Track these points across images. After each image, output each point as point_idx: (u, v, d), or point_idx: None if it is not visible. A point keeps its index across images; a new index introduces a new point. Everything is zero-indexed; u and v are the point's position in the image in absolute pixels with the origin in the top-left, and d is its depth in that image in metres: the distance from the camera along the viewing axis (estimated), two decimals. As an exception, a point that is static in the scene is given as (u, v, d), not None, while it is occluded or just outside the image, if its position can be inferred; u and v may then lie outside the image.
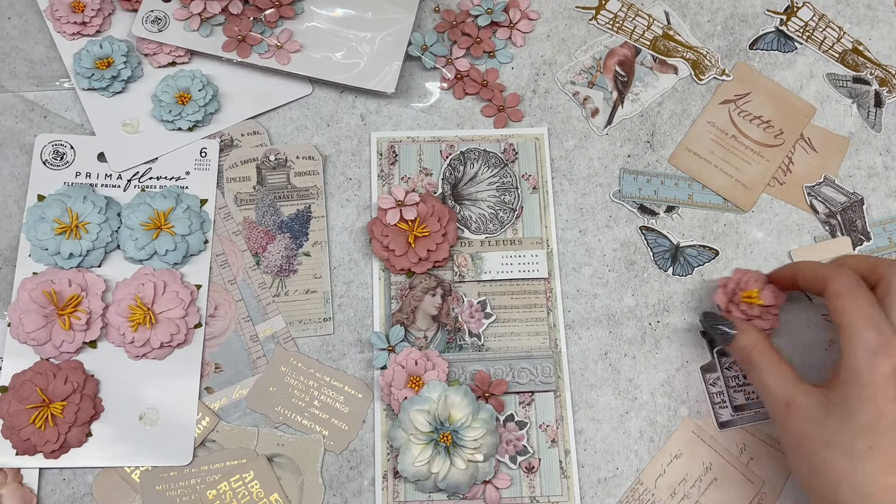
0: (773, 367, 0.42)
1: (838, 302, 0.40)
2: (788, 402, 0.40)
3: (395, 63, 0.54)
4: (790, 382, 0.41)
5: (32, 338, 0.46)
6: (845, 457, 0.37)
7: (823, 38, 0.57)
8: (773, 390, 0.41)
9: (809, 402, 0.40)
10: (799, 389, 0.40)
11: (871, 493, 0.36)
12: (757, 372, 0.43)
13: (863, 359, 0.38)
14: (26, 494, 0.46)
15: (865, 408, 0.37)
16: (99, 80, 0.52)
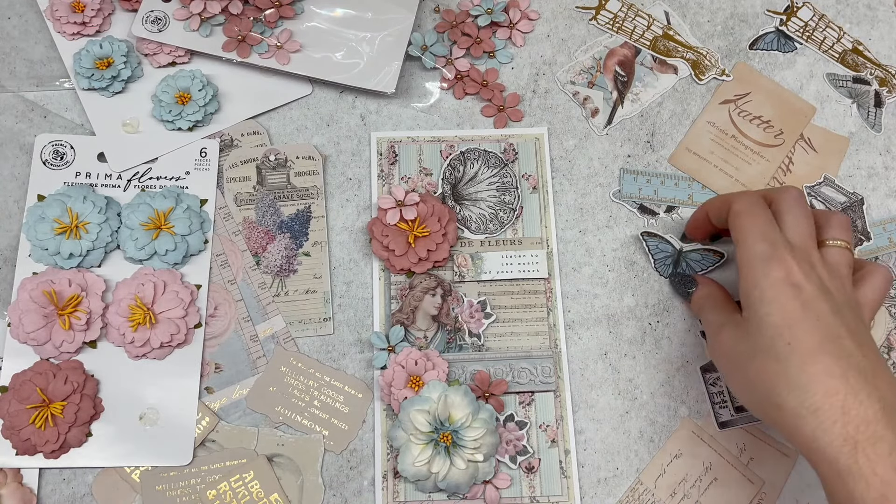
0: (715, 305, 0.46)
1: (738, 221, 0.43)
2: (719, 329, 0.43)
3: (395, 63, 0.54)
4: (724, 312, 0.44)
5: (32, 338, 0.46)
6: (772, 359, 0.39)
7: (823, 38, 0.57)
8: (710, 322, 0.44)
9: (733, 323, 0.42)
10: (727, 317, 0.43)
11: (803, 383, 0.37)
12: (703, 314, 0.46)
13: (758, 268, 0.40)
14: (26, 494, 0.46)
15: (772, 310, 0.39)
16: (99, 80, 0.52)
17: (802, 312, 0.39)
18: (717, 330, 0.43)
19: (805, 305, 0.39)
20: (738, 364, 0.41)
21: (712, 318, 0.45)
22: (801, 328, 0.39)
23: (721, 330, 0.43)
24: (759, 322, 0.40)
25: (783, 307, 0.39)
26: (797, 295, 0.39)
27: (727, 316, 0.44)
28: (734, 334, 0.42)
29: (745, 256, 0.41)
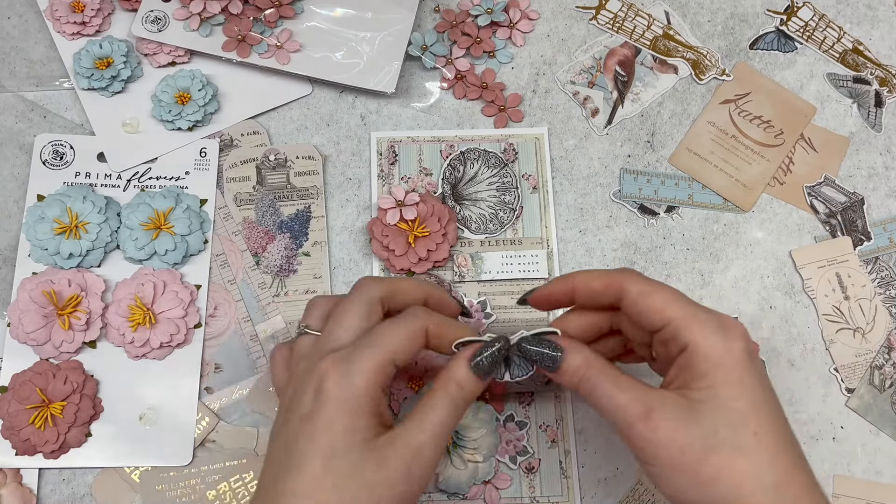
0: (618, 382, 0.36)
1: (653, 299, 0.36)
2: (648, 412, 0.34)
3: (395, 63, 0.53)
4: (642, 391, 0.35)
5: (32, 338, 0.46)
6: (737, 452, 0.33)
7: (824, 37, 0.57)
8: (626, 405, 0.35)
9: (673, 406, 0.34)
10: (653, 395, 0.35)
11: (775, 483, 0.33)
12: (600, 392, 0.36)
13: (717, 342, 0.34)
14: (26, 495, 0.46)
15: (736, 393, 0.34)
16: (98, 80, 0.52)
17: (763, 393, 0.34)
18: (643, 415, 0.34)
19: (764, 384, 0.34)
20: (683, 461, 0.33)
21: (626, 400, 0.35)
22: (765, 413, 0.34)
23: (652, 415, 0.34)
24: (718, 407, 0.33)
25: (750, 388, 0.34)
26: (758, 371, 0.34)
27: (648, 395, 0.35)
28: (677, 421, 0.34)
29: (691, 332, 0.35)
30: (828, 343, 0.50)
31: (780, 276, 0.52)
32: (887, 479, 0.48)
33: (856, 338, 0.50)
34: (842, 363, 0.50)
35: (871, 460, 0.49)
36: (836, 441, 0.49)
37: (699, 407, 0.34)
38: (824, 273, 0.51)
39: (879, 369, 0.50)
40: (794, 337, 0.51)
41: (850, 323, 0.51)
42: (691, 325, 0.35)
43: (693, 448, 0.33)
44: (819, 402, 0.50)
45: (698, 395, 0.34)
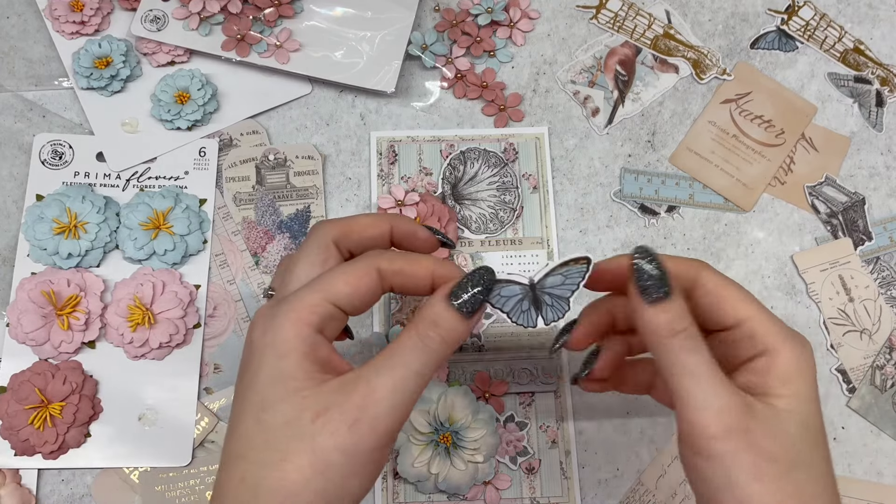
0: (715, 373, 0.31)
1: (730, 293, 0.33)
2: (745, 420, 0.30)
3: (395, 62, 0.53)
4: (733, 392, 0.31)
5: (31, 338, 0.46)
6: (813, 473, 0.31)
7: (824, 37, 0.57)
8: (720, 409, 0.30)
9: (763, 411, 0.31)
10: (745, 400, 0.31)
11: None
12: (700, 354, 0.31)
13: (800, 352, 0.32)
14: (25, 495, 0.45)
15: (814, 409, 0.32)
16: (98, 80, 0.52)
17: (823, 424, 0.32)
18: (743, 404, 0.30)
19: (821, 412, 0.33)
20: (767, 473, 0.30)
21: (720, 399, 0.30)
22: (825, 438, 0.32)
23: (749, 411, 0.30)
24: (802, 421, 0.31)
25: (819, 409, 0.32)
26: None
27: (742, 397, 0.31)
28: (768, 427, 0.30)
29: (772, 334, 0.32)
30: (836, 346, 0.50)
31: (781, 276, 0.52)
32: (888, 479, 0.48)
33: (863, 339, 0.50)
34: (851, 366, 0.50)
35: (873, 461, 0.48)
36: (837, 441, 0.49)
37: (785, 417, 0.31)
38: (827, 276, 0.51)
39: (881, 369, 0.50)
40: (795, 337, 0.51)
41: (857, 325, 0.51)
42: (772, 328, 0.32)
43: (781, 461, 0.30)
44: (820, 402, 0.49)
45: (784, 403, 0.31)
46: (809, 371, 0.32)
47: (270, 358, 0.31)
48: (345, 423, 0.30)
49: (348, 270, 0.33)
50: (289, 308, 0.32)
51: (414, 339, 0.32)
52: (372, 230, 0.36)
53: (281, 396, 0.30)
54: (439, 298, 0.32)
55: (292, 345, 0.31)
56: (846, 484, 0.48)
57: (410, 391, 0.31)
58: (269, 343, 0.31)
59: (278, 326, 0.31)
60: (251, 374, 0.31)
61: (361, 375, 0.31)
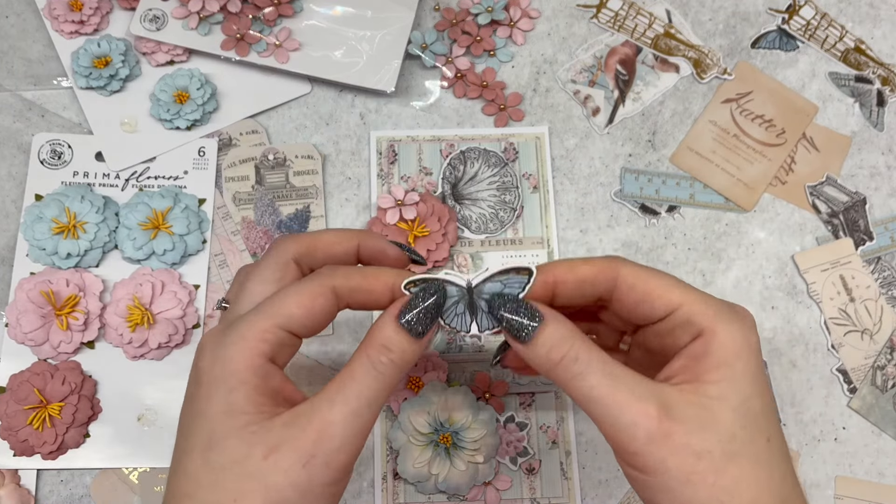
0: (613, 371, 0.30)
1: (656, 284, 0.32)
2: (660, 411, 0.29)
3: (395, 62, 0.53)
4: (646, 384, 0.30)
5: (30, 338, 0.46)
6: (755, 461, 0.29)
7: (825, 36, 0.57)
8: (625, 403, 0.29)
9: (686, 404, 0.29)
10: (662, 391, 0.29)
11: (784, 497, 0.29)
12: (587, 382, 0.30)
13: (735, 331, 0.30)
14: (24, 496, 0.45)
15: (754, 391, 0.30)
16: (97, 79, 0.51)
17: (771, 394, 0.32)
18: (651, 415, 0.29)
19: (768, 384, 0.33)
20: (698, 471, 0.28)
21: (621, 395, 0.29)
22: (775, 417, 0.30)
23: (664, 415, 0.29)
24: (738, 406, 0.29)
25: (763, 387, 0.30)
26: (764, 370, 0.33)
27: (659, 389, 0.29)
28: (692, 423, 0.29)
29: (707, 316, 0.31)
30: (837, 346, 0.50)
31: (782, 276, 0.51)
32: (889, 479, 0.48)
33: (864, 340, 0.50)
34: (852, 366, 0.50)
35: (874, 461, 0.48)
36: (838, 442, 0.49)
37: (717, 405, 0.29)
38: (828, 276, 0.51)
39: (882, 370, 0.50)
40: (795, 337, 0.50)
41: (858, 325, 0.50)
42: (706, 310, 0.30)
43: (712, 456, 0.28)
44: (821, 402, 0.49)
45: (715, 389, 0.29)
46: (748, 350, 0.30)
47: (219, 391, 0.29)
48: (299, 460, 0.28)
49: (301, 290, 0.31)
50: (238, 336, 0.30)
51: (366, 366, 0.30)
52: (337, 247, 0.34)
53: (229, 432, 0.29)
54: (389, 320, 0.31)
55: (242, 377, 0.29)
56: (847, 484, 0.48)
57: (365, 421, 0.29)
58: (218, 376, 0.30)
59: (228, 358, 0.30)
60: (198, 408, 0.30)
61: (314, 408, 0.29)
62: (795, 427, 0.49)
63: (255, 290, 0.32)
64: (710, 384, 0.29)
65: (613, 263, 0.32)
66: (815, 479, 0.48)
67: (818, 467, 0.48)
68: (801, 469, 0.48)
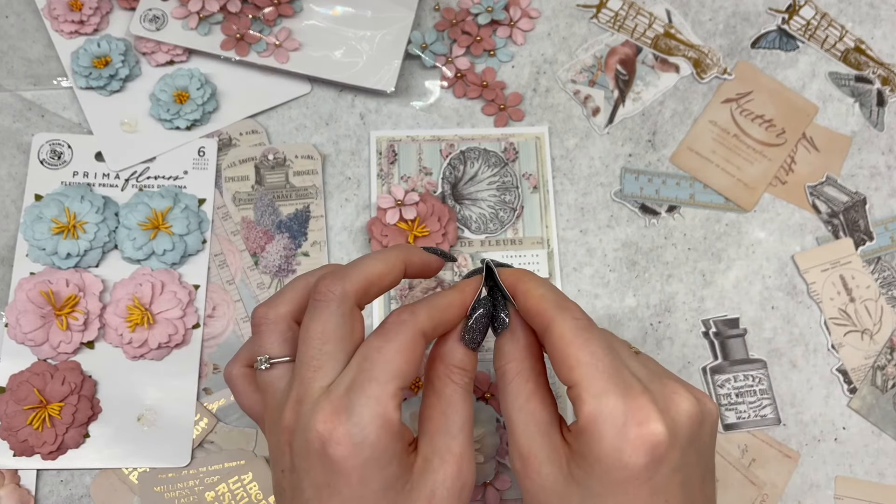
0: (526, 399, 0.32)
1: (570, 352, 0.31)
2: (527, 457, 0.31)
3: (395, 61, 0.53)
4: (538, 429, 0.32)
5: (30, 338, 0.46)
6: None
7: (826, 36, 0.57)
8: (516, 432, 0.32)
9: (550, 467, 0.31)
10: (545, 443, 0.31)
11: None
12: (508, 398, 0.33)
13: (613, 449, 0.29)
14: (24, 496, 0.45)
15: (612, 499, 0.30)
16: (97, 79, 0.51)
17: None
18: (523, 457, 0.32)
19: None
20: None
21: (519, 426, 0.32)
22: None
23: (529, 463, 0.31)
24: (588, 497, 0.30)
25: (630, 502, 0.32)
26: (660, 487, 0.31)
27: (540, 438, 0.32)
28: (546, 484, 0.31)
29: (593, 419, 0.30)
30: (837, 347, 0.50)
31: (782, 276, 0.51)
32: (890, 480, 0.48)
33: (864, 340, 0.50)
34: (852, 366, 0.50)
35: (874, 461, 0.48)
36: (838, 442, 0.49)
37: (571, 485, 0.30)
38: (828, 276, 0.51)
39: (882, 370, 0.50)
40: (796, 338, 0.50)
41: (858, 325, 0.50)
42: (595, 410, 0.30)
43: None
44: (821, 403, 0.49)
45: (577, 472, 0.31)
46: (614, 456, 0.29)
47: (372, 470, 0.29)
48: (454, 497, 0.31)
49: (404, 348, 0.31)
50: (372, 415, 0.29)
51: (460, 393, 0.32)
52: (388, 278, 0.34)
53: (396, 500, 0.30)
54: (456, 344, 0.33)
55: (387, 451, 0.30)
56: (847, 484, 0.48)
57: (473, 442, 0.33)
58: (369, 457, 0.29)
59: (369, 441, 0.29)
60: (349, 495, 0.29)
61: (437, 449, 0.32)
62: (795, 427, 0.49)
63: (332, 350, 0.31)
64: (577, 467, 0.31)
65: (550, 313, 0.32)
66: (815, 479, 0.48)
67: (818, 467, 0.48)
68: (801, 469, 0.48)
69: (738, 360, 0.50)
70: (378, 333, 0.31)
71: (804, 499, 0.47)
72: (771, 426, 0.49)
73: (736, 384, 0.49)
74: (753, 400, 0.49)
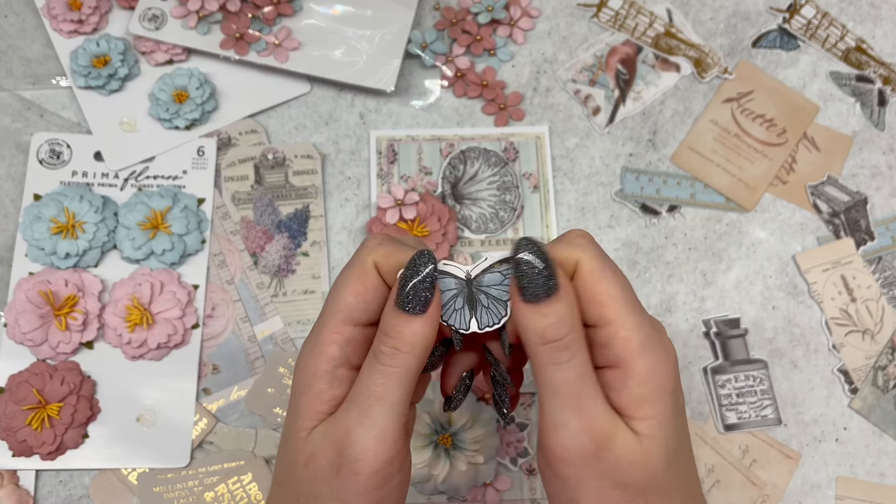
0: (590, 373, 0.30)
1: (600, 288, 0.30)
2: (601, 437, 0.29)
3: (395, 61, 0.53)
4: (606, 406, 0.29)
5: (29, 338, 0.46)
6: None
7: (826, 36, 0.57)
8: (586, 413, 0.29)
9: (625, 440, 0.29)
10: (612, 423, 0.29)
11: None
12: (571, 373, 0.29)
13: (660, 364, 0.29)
14: (23, 496, 0.45)
15: (671, 429, 0.29)
16: (96, 79, 0.51)
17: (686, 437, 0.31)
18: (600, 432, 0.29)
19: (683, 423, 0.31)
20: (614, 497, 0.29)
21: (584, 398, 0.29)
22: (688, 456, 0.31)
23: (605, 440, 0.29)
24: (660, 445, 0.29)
25: (682, 425, 0.31)
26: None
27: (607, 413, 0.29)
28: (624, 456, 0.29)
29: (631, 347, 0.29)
30: (837, 347, 0.50)
31: (783, 276, 0.51)
32: (890, 480, 0.48)
33: (865, 340, 0.50)
34: (853, 366, 0.50)
35: (875, 461, 0.48)
36: (839, 442, 0.49)
37: (648, 443, 0.29)
38: (829, 276, 0.51)
39: (883, 370, 0.50)
40: (796, 338, 0.50)
41: (859, 325, 0.50)
42: (628, 341, 0.29)
43: (631, 486, 0.29)
44: (822, 403, 0.49)
45: (646, 427, 0.29)
46: (668, 386, 0.29)
47: (293, 395, 0.31)
48: (331, 469, 0.29)
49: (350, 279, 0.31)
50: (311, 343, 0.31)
51: (369, 362, 0.29)
52: None
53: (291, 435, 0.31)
54: (388, 307, 0.30)
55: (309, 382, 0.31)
56: (848, 485, 0.48)
57: (383, 422, 0.29)
58: (295, 379, 0.31)
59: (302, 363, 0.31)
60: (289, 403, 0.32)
61: (337, 415, 0.30)
62: (796, 427, 0.49)
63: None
64: (640, 421, 0.29)
65: (579, 247, 0.30)
66: (816, 479, 0.48)
67: (819, 468, 0.48)
68: (802, 469, 0.48)
69: (738, 361, 0.49)
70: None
71: (805, 499, 0.47)
72: (772, 426, 0.48)
73: (737, 384, 0.49)
74: (754, 400, 0.49)
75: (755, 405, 0.49)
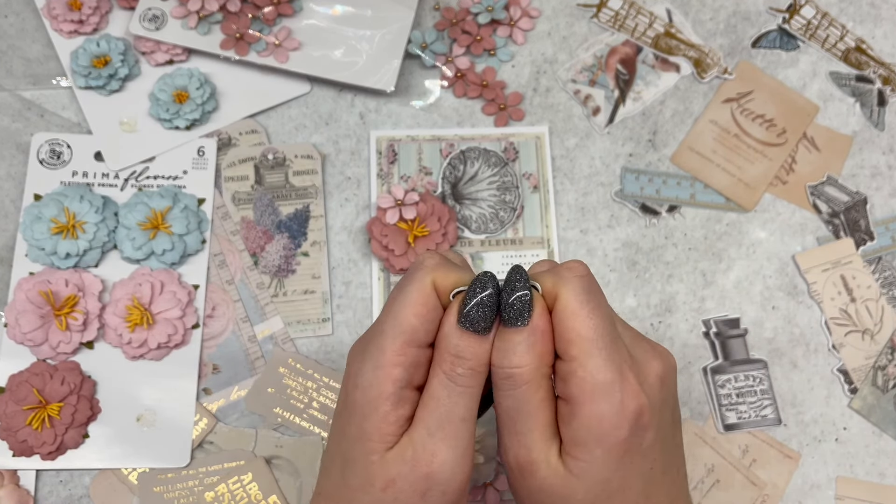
0: (535, 407, 0.31)
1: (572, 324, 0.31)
2: (525, 465, 0.31)
3: (395, 61, 0.53)
4: (541, 436, 0.31)
5: (29, 338, 0.46)
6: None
7: (826, 36, 0.57)
8: (517, 442, 0.31)
9: (548, 470, 0.31)
10: (544, 448, 0.31)
11: None
12: (511, 403, 0.31)
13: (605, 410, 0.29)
14: (23, 496, 0.45)
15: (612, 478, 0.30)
16: (96, 79, 0.51)
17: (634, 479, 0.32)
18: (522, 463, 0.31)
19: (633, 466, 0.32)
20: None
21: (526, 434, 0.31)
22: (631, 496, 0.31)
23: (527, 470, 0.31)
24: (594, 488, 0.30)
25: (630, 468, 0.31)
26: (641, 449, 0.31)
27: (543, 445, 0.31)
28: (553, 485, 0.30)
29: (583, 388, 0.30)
30: (837, 347, 0.50)
31: (783, 276, 0.51)
32: (890, 480, 0.48)
33: (864, 340, 0.50)
34: (853, 366, 0.50)
35: (875, 462, 0.48)
36: (839, 442, 0.49)
37: (574, 482, 0.30)
38: (829, 276, 0.51)
39: (882, 370, 0.50)
40: (796, 338, 0.50)
41: (858, 325, 0.50)
42: (587, 382, 0.30)
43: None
44: (822, 403, 0.49)
45: (576, 466, 0.30)
46: (615, 435, 0.29)
47: (355, 417, 0.31)
48: (416, 493, 0.30)
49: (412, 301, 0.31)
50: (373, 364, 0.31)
51: (445, 384, 0.30)
52: None
53: (359, 457, 0.31)
54: (451, 328, 0.31)
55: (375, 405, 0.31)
56: (848, 485, 0.48)
57: (465, 440, 0.30)
58: (358, 400, 0.31)
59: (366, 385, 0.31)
60: (341, 425, 0.32)
61: (414, 440, 0.30)
62: (796, 428, 0.49)
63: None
64: (572, 459, 0.30)
65: (561, 281, 0.31)
66: (816, 479, 0.48)
67: (819, 468, 0.48)
68: (801, 469, 0.48)
69: (738, 361, 0.49)
70: (401, 281, 0.32)
71: (805, 499, 0.47)
72: (772, 426, 0.48)
73: (736, 384, 0.49)
74: (754, 400, 0.49)
75: (755, 405, 0.49)
